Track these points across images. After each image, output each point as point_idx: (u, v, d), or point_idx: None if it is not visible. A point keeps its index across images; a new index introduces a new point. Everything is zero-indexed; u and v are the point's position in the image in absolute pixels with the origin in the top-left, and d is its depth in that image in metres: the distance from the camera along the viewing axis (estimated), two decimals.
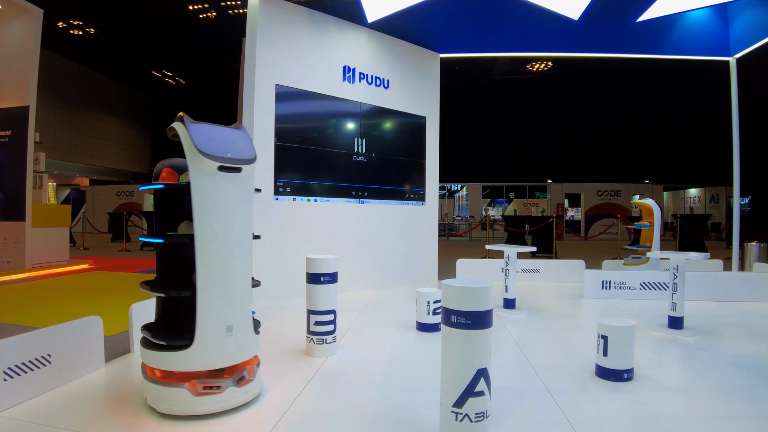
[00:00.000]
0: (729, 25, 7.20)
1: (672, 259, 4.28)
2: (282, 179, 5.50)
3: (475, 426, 2.12)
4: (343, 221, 6.11)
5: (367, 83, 6.34)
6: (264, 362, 3.39)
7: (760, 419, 2.47)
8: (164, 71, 25.40)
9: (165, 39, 20.95)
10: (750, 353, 3.66)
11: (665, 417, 2.49)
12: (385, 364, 3.33)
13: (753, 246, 8.00)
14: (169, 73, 25.69)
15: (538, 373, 3.13)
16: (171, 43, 21.46)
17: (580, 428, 2.32)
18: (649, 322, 4.61)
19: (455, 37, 7.07)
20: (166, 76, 25.94)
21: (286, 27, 5.61)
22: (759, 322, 4.78)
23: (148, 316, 3.60)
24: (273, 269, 5.35)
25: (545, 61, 21.34)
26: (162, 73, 25.60)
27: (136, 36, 20.55)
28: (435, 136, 7.20)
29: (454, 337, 2.12)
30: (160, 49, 22.08)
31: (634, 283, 5.85)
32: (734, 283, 5.95)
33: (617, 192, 20.42)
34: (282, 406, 2.57)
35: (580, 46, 7.31)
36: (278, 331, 4.16)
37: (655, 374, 3.14)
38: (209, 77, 24.86)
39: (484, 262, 7.37)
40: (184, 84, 26.86)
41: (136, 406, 2.55)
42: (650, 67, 16.88)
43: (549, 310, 5.22)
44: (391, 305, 5.43)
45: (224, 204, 2.45)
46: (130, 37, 20.62)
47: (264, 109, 5.35)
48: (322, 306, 3.34)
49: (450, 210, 23.38)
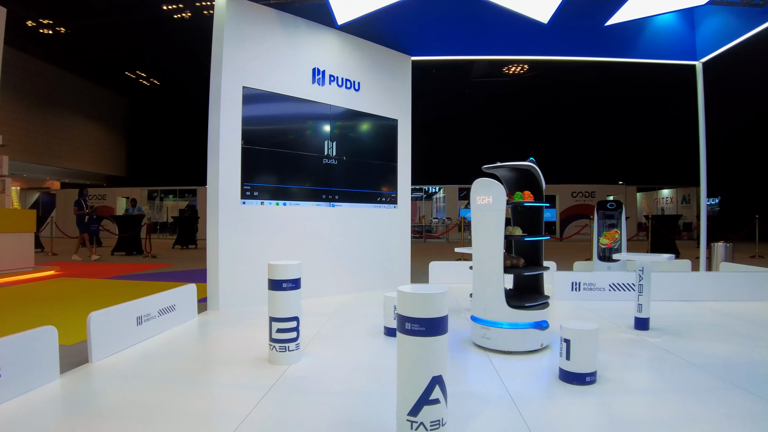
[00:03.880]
0: (695, 30, 7.35)
1: (637, 261, 4.31)
2: (249, 183, 5.40)
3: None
4: (313, 225, 6.03)
5: (338, 85, 6.29)
6: (224, 370, 3.33)
7: (722, 421, 2.48)
8: (138, 72, 24.96)
9: (139, 39, 20.59)
10: (714, 353, 3.70)
11: (627, 420, 2.49)
12: (350, 371, 3.28)
13: (719, 246, 8.16)
14: (143, 74, 25.26)
15: (502, 377, 3.11)
16: (145, 44, 21.10)
17: None
18: (617, 324, 4.65)
19: (427, 39, 7.06)
20: (141, 77, 25.50)
21: (255, 28, 5.53)
22: (725, 321, 4.85)
23: (109, 325, 3.50)
24: (239, 275, 5.26)
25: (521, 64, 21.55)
26: (136, 74, 25.14)
27: (109, 36, 20.15)
28: (407, 139, 7.17)
29: (408, 344, 2.08)
30: (135, 49, 21.69)
31: (604, 285, 5.91)
32: (701, 283, 6.05)
33: (592, 193, 20.74)
34: (239, 415, 2.50)
35: (552, 50, 7.38)
36: (242, 339, 4.08)
37: (619, 377, 3.15)
38: (185, 78, 24.49)
39: (456, 264, 7.36)
40: (159, 85, 26.43)
41: (88, 417, 2.47)
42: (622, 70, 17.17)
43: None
44: (361, 310, 5.37)
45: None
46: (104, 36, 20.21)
47: (230, 112, 5.26)
48: (284, 313, 3.28)
49: (428, 212, 23.43)
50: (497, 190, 3.74)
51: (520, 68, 22.23)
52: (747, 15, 6.24)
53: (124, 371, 3.21)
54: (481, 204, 3.83)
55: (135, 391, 2.86)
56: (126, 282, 7.63)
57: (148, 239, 12.46)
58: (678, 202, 22.96)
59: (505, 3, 5.30)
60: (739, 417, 2.52)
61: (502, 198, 3.72)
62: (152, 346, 3.82)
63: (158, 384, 2.99)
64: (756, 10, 6.06)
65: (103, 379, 3.07)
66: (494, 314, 3.74)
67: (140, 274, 8.67)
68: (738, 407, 2.65)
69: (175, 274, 8.72)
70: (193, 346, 4.01)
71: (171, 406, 2.64)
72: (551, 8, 5.31)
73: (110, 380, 3.05)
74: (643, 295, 4.28)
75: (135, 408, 2.61)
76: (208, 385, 3.04)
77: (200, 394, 2.85)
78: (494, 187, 3.76)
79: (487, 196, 3.78)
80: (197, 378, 3.14)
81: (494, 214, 3.74)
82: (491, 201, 3.76)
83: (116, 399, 2.74)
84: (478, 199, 3.86)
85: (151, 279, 7.94)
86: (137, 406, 2.63)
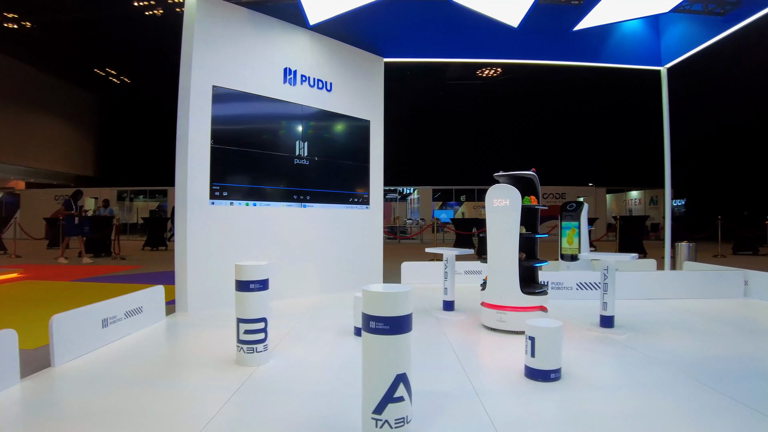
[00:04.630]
0: (660, 37, 7.57)
1: (602, 260, 4.43)
2: (219, 183, 5.34)
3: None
4: (284, 226, 5.99)
5: (309, 86, 6.27)
6: (191, 372, 3.30)
7: (682, 415, 2.56)
8: (108, 70, 24.39)
9: (109, 36, 20.12)
10: (676, 349, 3.81)
11: (590, 415, 2.55)
12: (318, 371, 3.28)
13: (683, 246, 8.42)
14: (113, 72, 24.69)
15: (469, 376, 3.15)
16: (115, 41, 20.63)
17: (504, 430, 2.34)
18: (583, 322, 4.75)
19: (399, 41, 7.10)
20: (111, 75, 24.92)
21: (225, 27, 5.47)
22: (687, 318, 5.01)
23: (72, 328, 3.42)
24: (208, 276, 5.20)
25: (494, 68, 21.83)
26: (106, 72, 24.56)
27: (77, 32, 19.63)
28: (379, 140, 7.19)
29: (372, 343, 2.10)
30: (104, 46, 21.17)
31: (571, 284, 6.03)
32: (665, 282, 6.24)
33: (562, 194, 21.17)
34: (204, 417, 2.47)
35: (522, 53, 7.50)
36: (210, 341, 4.03)
37: (584, 373, 3.22)
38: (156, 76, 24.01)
39: (428, 264, 7.42)
40: (129, 83, 25.88)
41: (48, 422, 2.41)
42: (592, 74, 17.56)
43: None
44: (332, 311, 5.37)
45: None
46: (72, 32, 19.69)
47: (200, 111, 5.19)
48: (252, 314, 3.25)
49: (402, 213, 23.54)
50: (515, 194, 4.30)
51: (493, 71, 22.52)
52: (709, 23, 6.47)
53: (87, 375, 3.14)
54: (498, 206, 4.41)
55: (98, 395, 2.80)
56: (93, 284, 7.45)
57: (117, 240, 12.17)
58: (646, 204, 23.58)
59: (476, 6, 5.37)
60: (698, 410, 2.61)
61: (519, 201, 4.27)
62: (118, 348, 3.75)
63: (123, 387, 2.94)
64: (717, 18, 6.28)
65: (65, 383, 3.00)
66: (510, 300, 4.30)
67: (108, 276, 8.47)
68: (697, 401, 2.74)
69: (144, 276, 8.55)
70: (160, 348, 3.95)
71: (135, 409, 2.59)
72: (521, 12, 5.41)
73: (73, 384, 2.98)
74: (608, 294, 4.40)
75: (98, 412, 2.56)
76: (173, 388, 2.99)
77: (165, 397, 2.81)
78: (512, 191, 4.31)
79: (504, 199, 4.35)
80: (163, 380, 3.10)
81: (511, 214, 4.29)
82: (509, 203, 4.33)
83: (78, 403, 2.69)
84: (495, 201, 4.44)
85: (119, 281, 7.77)
86: (100, 410, 2.58)
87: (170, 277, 5.24)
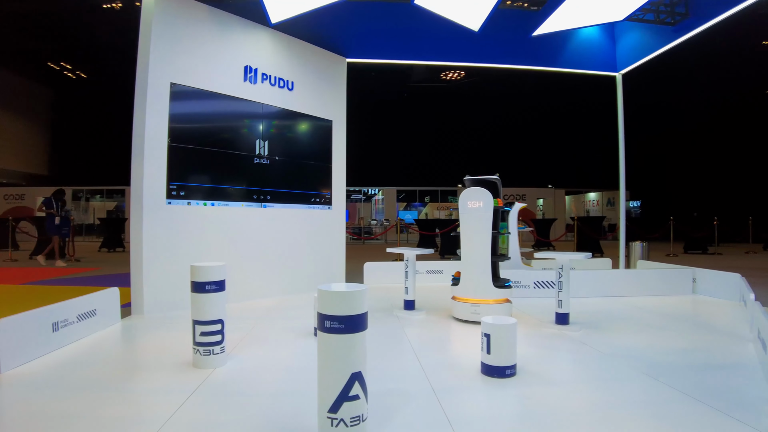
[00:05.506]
0: (616, 44, 7.85)
1: (557, 260, 4.56)
2: (176, 182, 5.22)
3: (351, 430, 2.11)
4: (243, 226, 5.91)
5: (270, 84, 6.21)
6: (146, 376, 3.22)
7: (632, 407, 2.65)
8: (63, 64, 23.42)
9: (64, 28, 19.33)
10: (628, 345, 3.96)
11: (544, 410, 2.62)
12: (276, 372, 3.26)
13: (637, 245, 8.74)
14: (68, 66, 23.73)
15: (427, 373, 3.19)
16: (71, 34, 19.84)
17: (458, 427, 2.38)
18: (540, 319, 4.88)
19: (362, 42, 7.11)
20: (66, 69, 23.94)
21: (185, 23, 5.36)
22: (639, 315, 5.21)
23: (20, 332, 3.28)
24: (165, 278, 5.08)
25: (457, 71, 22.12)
26: (61, 66, 23.58)
27: (31, 23, 18.79)
28: (342, 140, 7.18)
29: (327, 342, 2.10)
30: (59, 39, 20.32)
31: (529, 282, 6.18)
32: (619, 280, 6.46)
33: (523, 196, 21.69)
34: (158, 420, 2.42)
35: (483, 57, 7.64)
36: (166, 343, 3.95)
37: (539, 369, 3.31)
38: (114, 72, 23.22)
39: (391, 264, 7.46)
40: (86, 78, 24.93)
41: None
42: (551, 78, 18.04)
43: (448, 310, 5.29)
44: (293, 312, 5.33)
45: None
46: (25, 24, 18.82)
47: (157, 108, 5.07)
48: (208, 316, 3.20)
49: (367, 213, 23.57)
50: (487, 197, 4.70)
51: (457, 74, 22.82)
52: (661, 32, 6.75)
53: (36, 380, 3.02)
54: (472, 207, 4.77)
55: (48, 401, 2.70)
56: (45, 287, 7.16)
57: (72, 242, 11.73)
58: (603, 205, 24.36)
59: (437, 10, 5.44)
60: (647, 402, 2.72)
61: (491, 204, 4.68)
62: (70, 353, 3.62)
63: (74, 392, 2.84)
64: (668, 28, 6.56)
65: (12, 390, 2.87)
66: (483, 293, 4.70)
67: (61, 279, 8.16)
68: (646, 394, 2.85)
69: (100, 278, 8.28)
70: (114, 351, 3.84)
71: (85, 415, 2.51)
72: (482, 17, 5.51)
73: (21, 390, 2.86)
74: (563, 292, 4.52)
75: (46, 418, 2.47)
76: (127, 392, 2.91)
77: (119, 401, 2.73)
78: (485, 195, 4.71)
79: (478, 201, 4.74)
80: (116, 384, 3.01)
81: (485, 215, 4.69)
82: (482, 205, 4.71)
83: (25, 410, 2.58)
84: (469, 203, 4.79)
85: (73, 284, 7.49)
86: (49, 416, 2.49)
87: (127, 279, 5.09)
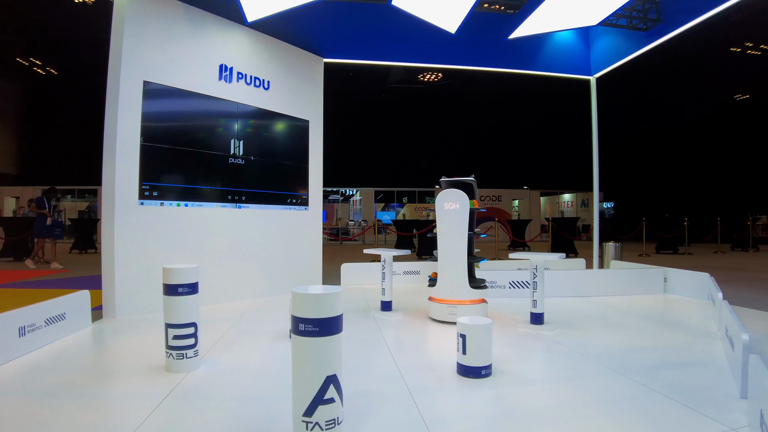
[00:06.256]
0: (590, 48, 8.00)
1: (532, 260, 4.62)
2: (148, 182, 5.12)
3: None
4: (218, 227, 5.83)
5: (246, 83, 6.14)
6: (117, 380, 3.15)
7: (604, 404, 2.71)
8: (33, 59, 22.75)
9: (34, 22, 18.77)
10: (601, 344, 4.03)
11: (519, 409, 2.65)
12: (251, 376, 3.22)
13: (610, 246, 8.92)
14: (38, 62, 23.06)
15: (403, 374, 3.20)
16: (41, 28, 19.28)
17: (434, 427, 2.39)
18: (515, 319, 4.94)
19: (339, 42, 7.10)
20: (36, 65, 23.26)
21: (158, 20, 5.26)
22: (612, 314, 5.31)
23: None
24: (137, 280, 4.97)
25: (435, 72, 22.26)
26: (30, 62, 22.90)
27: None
28: (319, 140, 7.15)
29: (302, 345, 2.09)
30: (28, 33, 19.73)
31: (504, 282, 6.25)
32: (593, 280, 6.58)
33: (498, 197, 21.99)
34: (130, 426, 2.37)
35: (460, 59, 7.70)
36: (138, 347, 3.87)
37: (514, 368, 3.34)
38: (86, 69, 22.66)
39: (368, 265, 7.46)
40: (56, 75, 24.26)
41: None
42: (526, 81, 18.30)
43: (425, 310, 5.31)
44: (268, 314, 5.28)
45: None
46: None
47: (129, 107, 4.96)
48: (180, 319, 3.14)
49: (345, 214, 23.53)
50: (463, 199, 4.73)
51: (435, 76, 22.94)
52: (633, 37, 6.91)
53: (2, 386, 2.93)
54: (448, 209, 4.80)
55: (13, 408, 2.62)
56: (11, 290, 6.94)
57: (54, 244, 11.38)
58: (578, 206, 24.77)
59: (414, 12, 5.47)
60: (619, 400, 2.77)
61: (467, 205, 4.72)
62: (37, 358, 3.52)
63: (41, 398, 2.76)
64: (641, 33, 6.71)
65: None
66: (459, 294, 4.73)
67: (30, 282, 7.93)
68: (618, 391, 2.91)
69: (70, 280, 8.07)
70: (85, 356, 3.74)
71: (53, 422, 2.44)
72: (459, 19, 5.55)
73: None
74: (538, 292, 4.59)
75: (12, 425, 2.39)
76: (98, 397, 2.84)
77: (89, 407, 2.67)
78: (461, 196, 4.74)
79: (454, 203, 4.75)
80: (86, 390, 2.93)
81: (460, 217, 4.71)
82: (458, 207, 4.73)
83: None
84: (445, 205, 4.81)
85: (42, 286, 7.28)
86: (15, 423, 2.42)
87: (99, 281, 4.98)
